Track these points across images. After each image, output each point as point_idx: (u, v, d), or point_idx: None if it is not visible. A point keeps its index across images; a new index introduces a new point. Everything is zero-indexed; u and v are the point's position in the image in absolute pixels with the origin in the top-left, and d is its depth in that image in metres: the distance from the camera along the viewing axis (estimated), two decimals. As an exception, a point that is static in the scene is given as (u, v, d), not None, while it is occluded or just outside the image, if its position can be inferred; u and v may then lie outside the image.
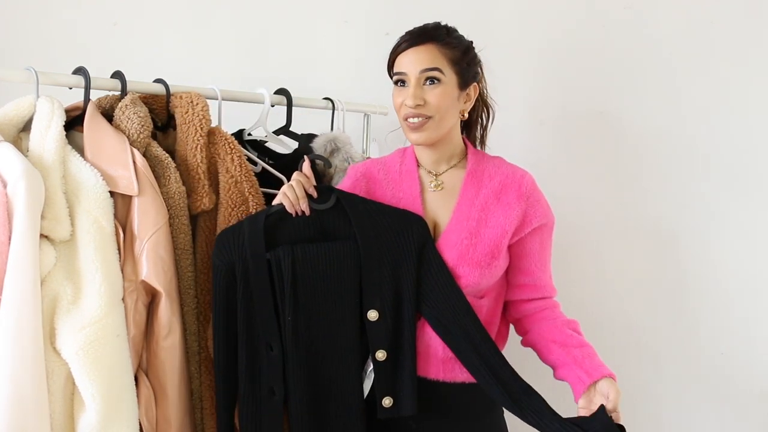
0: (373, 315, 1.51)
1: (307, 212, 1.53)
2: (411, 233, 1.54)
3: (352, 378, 1.52)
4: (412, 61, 1.55)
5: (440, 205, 1.62)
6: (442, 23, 1.60)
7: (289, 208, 1.52)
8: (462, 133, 1.68)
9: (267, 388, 1.50)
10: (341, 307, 1.50)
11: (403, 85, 1.57)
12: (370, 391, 1.53)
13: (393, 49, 1.59)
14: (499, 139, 1.88)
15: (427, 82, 1.55)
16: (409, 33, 1.59)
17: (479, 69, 1.65)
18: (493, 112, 1.73)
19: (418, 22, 1.61)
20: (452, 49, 1.57)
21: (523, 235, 1.60)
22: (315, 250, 1.49)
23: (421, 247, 1.54)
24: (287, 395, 1.49)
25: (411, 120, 1.56)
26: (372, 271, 1.51)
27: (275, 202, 1.55)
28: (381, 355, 1.51)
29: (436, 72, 1.54)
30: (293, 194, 1.52)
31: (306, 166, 1.58)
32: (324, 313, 1.50)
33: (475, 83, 1.63)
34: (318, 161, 1.71)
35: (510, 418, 1.71)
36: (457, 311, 1.52)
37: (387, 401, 1.51)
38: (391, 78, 1.63)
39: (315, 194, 1.54)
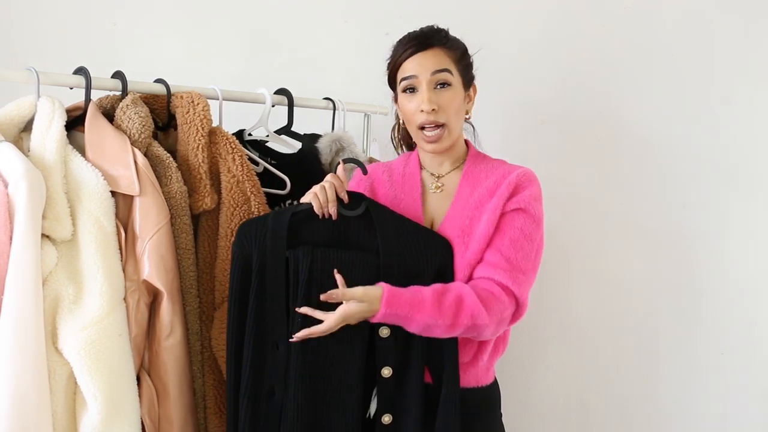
0: (384, 331, 1.48)
1: (335, 216, 1.50)
2: (434, 255, 1.52)
3: (353, 390, 1.49)
4: (423, 64, 1.54)
5: (438, 205, 1.62)
6: (436, 26, 1.60)
7: (317, 209, 1.49)
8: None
9: (268, 386, 1.48)
10: None
11: (413, 92, 1.56)
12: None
13: (396, 55, 1.58)
14: (499, 139, 1.89)
15: (438, 86, 1.54)
16: (411, 38, 1.57)
17: None
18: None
19: (418, 22, 1.61)
20: (455, 50, 1.57)
21: (500, 214, 1.54)
22: (335, 256, 1.46)
23: (442, 271, 1.51)
24: (286, 397, 1.47)
25: (428, 132, 1.55)
26: None
27: (304, 200, 1.52)
28: (387, 372, 1.49)
29: (446, 74, 1.54)
30: (324, 196, 1.49)
31: (340, 169, 1.54)
32: None
33: (474, 84, 1.64)
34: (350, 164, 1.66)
35: (509, 419, 1.71)
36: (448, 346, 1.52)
37: (387, 418, 1.49)
38: (394, 86, 1.61)
39: (346, 199, 1.51)
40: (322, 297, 1.40)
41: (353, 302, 1.40)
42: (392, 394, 1.50)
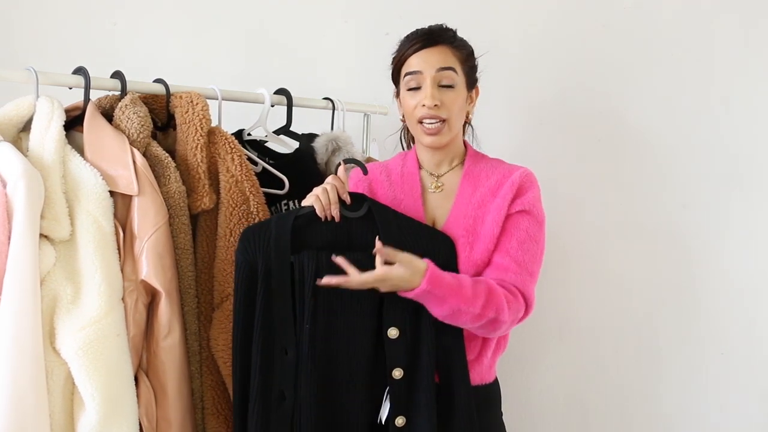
0: (393, 332, 1.47)
1: (338, 218, 1.49)
2: (438, 254, 1.51)
3: (364, 392, 1.49)
4: (428, 61, 1.54)
5: (439, 205, 1.62)
6: (444, 25, 1.60)
7: (319, 212, 1.48)
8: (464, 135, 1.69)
9: (278, 391, 1.47)
10: (361, 320, 1.47)
11: (417, 88, 1.56)
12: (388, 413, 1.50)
13: (402, 50, 1.58)
14: (499, 139, 1.89)
15: (442, 84, 1.54)
16: (418, 34, 1.57)
17: None
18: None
19: (418, 22, 1.61)
20: (461, 50, 1.57)
21: (505, 216, 1.56)
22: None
23: (444, 269, 1.50)
24: (297, 401, 1.46)
25: (428, 124, 1.55)
26: None
27: (305, 203, 1.52)
28: (398, 373, 1.48)
29: (451, 72, 1.54)
30: (326, 198, 1.48)
31: (341, 170, 1.54)
32: (343, 324, 1.47)
33: (477, 86, 1.64)
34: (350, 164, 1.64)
35: (509, 419, 1.71)
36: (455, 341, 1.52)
37: (400, 420, 1.48)
38: (397, 81, 1.61)
39: (348, 200, 1.51)
40: (376, 248, 1.40)
41: (399, 266, 1.40)
42: (404, 395, 1.49)
